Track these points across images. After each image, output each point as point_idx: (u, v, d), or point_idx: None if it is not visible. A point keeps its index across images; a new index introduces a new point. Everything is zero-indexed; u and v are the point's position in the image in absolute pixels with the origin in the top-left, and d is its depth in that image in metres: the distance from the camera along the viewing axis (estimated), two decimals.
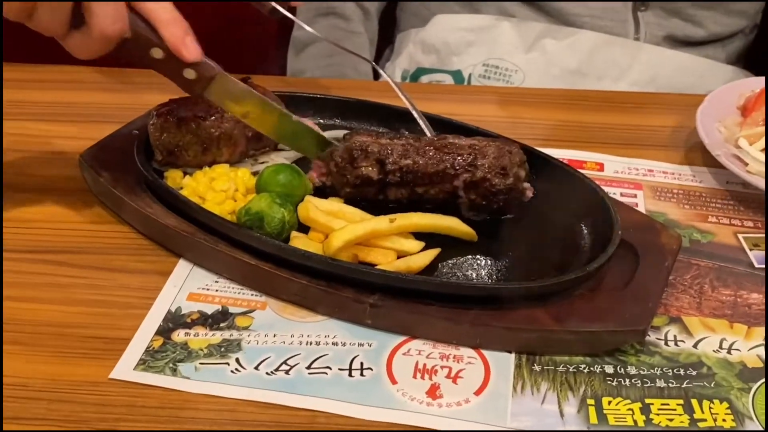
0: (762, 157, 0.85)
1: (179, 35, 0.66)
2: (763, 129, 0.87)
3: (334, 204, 0.75)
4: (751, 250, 0.78)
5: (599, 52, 1.17)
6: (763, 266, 0.76)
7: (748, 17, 1.24)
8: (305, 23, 1.25)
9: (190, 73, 0.70)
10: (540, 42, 1.18)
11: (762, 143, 0.86)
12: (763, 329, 0.69)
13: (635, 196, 0.85)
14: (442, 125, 0.85)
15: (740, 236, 0.80)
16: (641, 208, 0.83)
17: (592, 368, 0.64)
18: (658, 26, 1.19)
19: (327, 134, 0.87)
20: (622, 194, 0.85)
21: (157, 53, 0.69)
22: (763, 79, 0.99)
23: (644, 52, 1.18)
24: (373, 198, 0.77)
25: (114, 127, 0.85)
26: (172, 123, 0.79)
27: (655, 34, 1.19)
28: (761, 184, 0.82)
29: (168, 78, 0.75)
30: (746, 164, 0.85)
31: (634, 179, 0.88)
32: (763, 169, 0.84)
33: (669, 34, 1.19)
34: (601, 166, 0.90)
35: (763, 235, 0.80)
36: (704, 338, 0.68)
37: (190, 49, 0.67)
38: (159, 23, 0.66)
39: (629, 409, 0.61)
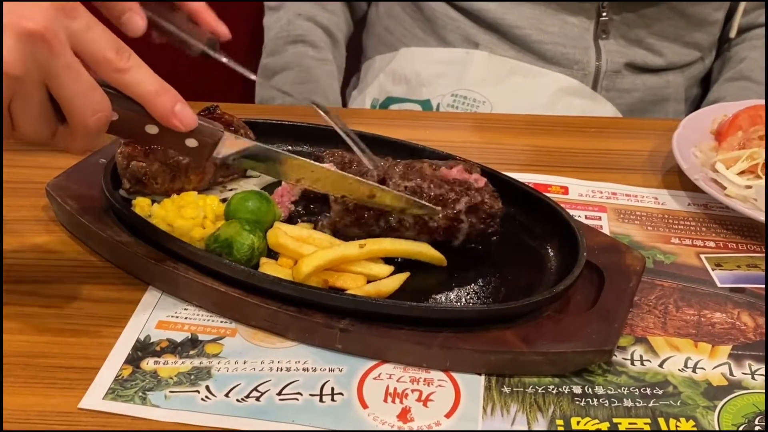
0: (739, 180, 0.87)
1: (168, 107, 0.62)
2: (739, 153, 0.89)
3: (303, 230, 0.75)
4: (713, 270, 0.80)
5: (562, 98, 1.19)
6: (726, 286, 0.77)
7: (702, 49, 1.27)
8: (274, 51, 1.27)
9: (191, 142, 0.65)
10: (509, 78, 1.20)
11: (739, 167, 0.88)
12: (727, 348, 0.70)
13: (600, 218, 0.87)
14: (409, 151, 0.86)
15: (702, 257, 0.81)
16: (606, 230, 0.84)
17: (560, 389, 0.65)
18: (618, 54, 1.21)
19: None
20: (587, 217, 0.86)
21: (152, 129, 0.63)
22: (734, 104, 1.01)
23: (602, 104, 1.21)
24: (371, 223, 0.75)
25: (81, 156, 0.85)
26: (140, 151, 0.79)
27: (615, 61, 1.21)
28: (740, 207, 0.84)
29: (174, 150, 0.72)
30: (724, 188, 0.87)
31: (598, 202, 0.90)
32: (740, 192, 0.86)
33: (629, 62, 1.22)
34: (565, 190, 0.91)
35: (725, 255, 0.82)
36: (670, 357, 0.69)
37: (181, 118, 0.62)
38: (143, 99, 0.61)
39: (597, 429, 0.61)
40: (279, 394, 0.63)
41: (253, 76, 0.80)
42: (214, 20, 0.78)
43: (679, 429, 0.62)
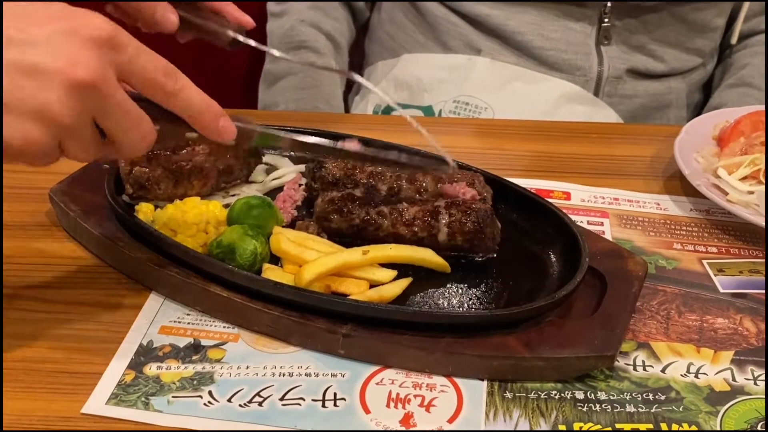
0: (741, 186, 0.87)
1: (213, 125, 0.62)
2: (741, 159, 0.89)
3: (306, 235, 0.76)
4: (715, 275, 0.80)
5: (564, 104, 1.20)
6: (729, 291, 0.77)
7: (704, 55, 1.28)
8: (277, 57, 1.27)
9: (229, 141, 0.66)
10: (511, 84, 1.20)
11: (741, 173, 0.88)
12: (729, 353, 0.70)
13: (602, 224, 0.87)
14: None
15: (705, 262, 0.81)
16: (608, 236, 0.84)
17: (563, 394, 0.65)
18: (620, 60, 1.22)
19: (297, 167, 0.89)
20: (589, 222, 0.86)
21: (192, 135, 0.65)
22: (736, 109, 1.01)
23: (603, 110, 1.21)
24: (354, 212, 0.76)
25: (84, 162, 0.85)
26: (143, 157, 0.79)
27: (617, 67, 1.22)
28: (742, 212, 0.84)
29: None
30: (726, 194, 0.87)
31: (600, 208, 0.90)
32: (742, 198, 0.86)
33: (631, 68, 1.22)
34: (568, 195, 0.91)
35: (728, 261, 0.82)
36: (672, 363, 0.69)
37: (225, 132, 0.63)
38: (191, 118, 0.62)
39: None
40: (281, 399, 0.63)
41: (275, 52, 0.82)
42: (238, 11, 0.80)
43: None
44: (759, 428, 0.63)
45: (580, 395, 0.65)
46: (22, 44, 0.54)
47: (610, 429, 0.62)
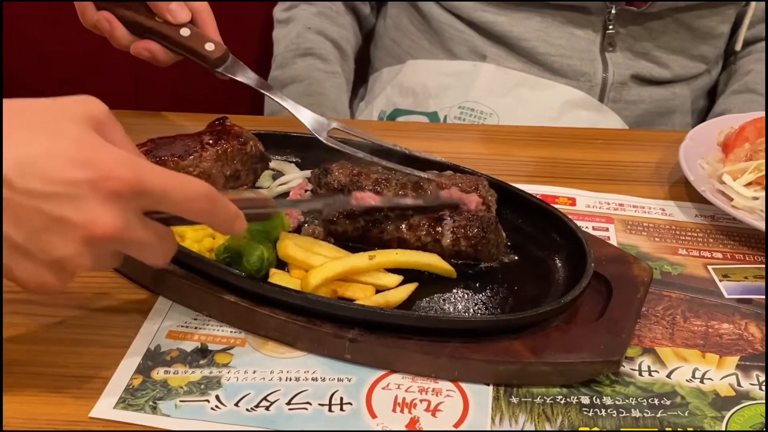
0: (746, 192, 0.87)
1: (230, 231, 0.64)
2: (746, 165, 0.90)
3: (313, 240, 0.76)
4: (720, 281, 0.80)
5: (569, 110, 1.20)
6: (733, 296, 0.78)
7: (708, 61, 1.28)
8: (284, 63, 1.28)
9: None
10: (516, 90, 1.21)
11: (745, 178, 0.88)
12: (734, 358, 0.70)
13: (607, 229, 0.87)
14: (418, 161, 0.86)
15: (710, 267, 0.82)
16: (613, 242, 0.85)
17: (568, 399, 0.65)
18: (625, 66, 1.22)
19: (303, 173, 0.89)
20: (594, 228, 0.87)
21: None
22: (740, 116, 1.01)
23: (608, 116, 1.21)
24: (358, 216, 0.77)
25: None
26: (150, 160, 0.79)
27: (622, 73, 1.22)
28: (747, 218, 0.84)
29: None
30: (731, 199, 0.87)
31: (605, 213, 0.90)
32: (747, 203, 0.86)
33: (636, 74, 1.23)
34: (573, 201, 0.92)
35: (733, 266, 0.82)
36: (677, 368, 0.69)
37: (238, 232, 0.64)
38: (212, 228, 0.64)
39: None
40: (288, 403, 0.63)
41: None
42: (215, 31, 0.86)
43: None
44: None
45: (585, 400, 0.65)
46: (42, 196, 0.53)
47: None
